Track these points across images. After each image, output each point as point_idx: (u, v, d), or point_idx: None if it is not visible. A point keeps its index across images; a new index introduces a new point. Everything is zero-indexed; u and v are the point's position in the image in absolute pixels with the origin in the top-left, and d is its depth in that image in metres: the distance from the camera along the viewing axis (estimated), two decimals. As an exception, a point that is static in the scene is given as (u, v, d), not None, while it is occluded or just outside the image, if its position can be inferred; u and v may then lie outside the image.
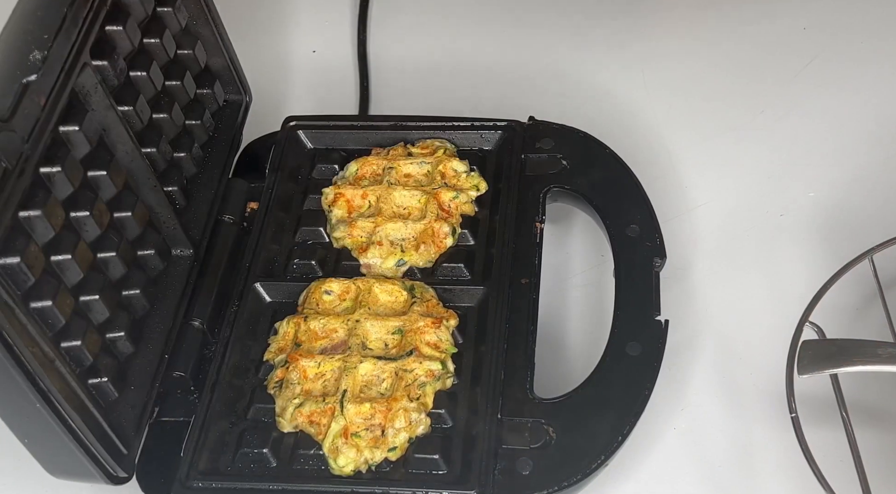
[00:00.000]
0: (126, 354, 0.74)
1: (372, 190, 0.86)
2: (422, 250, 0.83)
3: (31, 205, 0.65)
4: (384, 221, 0.84)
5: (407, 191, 0.85)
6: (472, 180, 0.86)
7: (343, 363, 0.76)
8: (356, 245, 0.84)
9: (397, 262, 0.82)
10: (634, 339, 0.76)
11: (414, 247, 0.83)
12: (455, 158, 0.88)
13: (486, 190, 0.86)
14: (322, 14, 1.10)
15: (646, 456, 0.77)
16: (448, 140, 0.89)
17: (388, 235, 0.83)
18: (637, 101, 0.99)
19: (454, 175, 0.87)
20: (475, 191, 0.86)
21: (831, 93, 0.98)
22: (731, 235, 0.89)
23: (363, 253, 0.83)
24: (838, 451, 0.71)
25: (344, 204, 0.86)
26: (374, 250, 0.83)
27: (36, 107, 0.64)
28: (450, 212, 0.85)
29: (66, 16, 0.67)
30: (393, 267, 0.82)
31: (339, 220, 0.85)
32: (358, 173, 0.88)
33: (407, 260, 0.83)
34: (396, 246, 0.83)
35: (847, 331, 0.81)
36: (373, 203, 0.86)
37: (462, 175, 0.87)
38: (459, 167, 0.87)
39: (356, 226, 0.84)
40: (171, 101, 0.83)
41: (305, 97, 1.03)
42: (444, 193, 0.85)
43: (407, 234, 0.83)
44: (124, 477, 0.71)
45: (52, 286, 0.66)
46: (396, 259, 0.82)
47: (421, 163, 0.87)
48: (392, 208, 0.85)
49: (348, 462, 0.72)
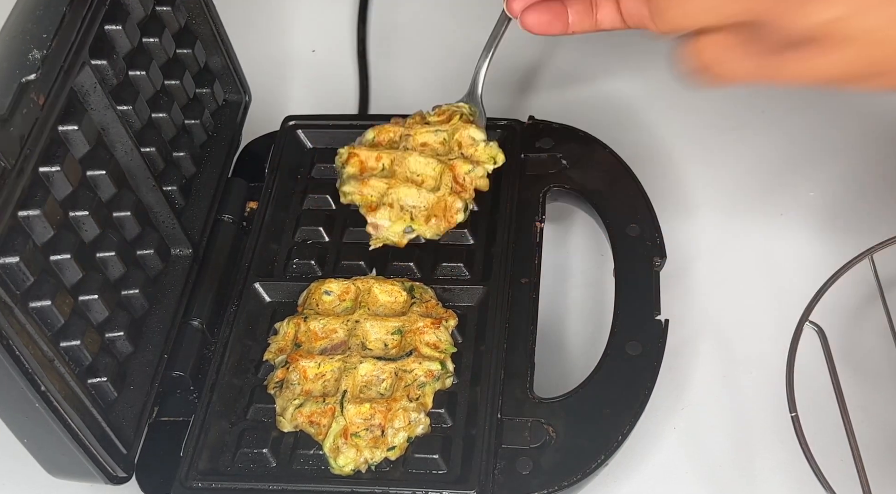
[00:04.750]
0: (125, 354, 0.74)
1: (387, 153, 0.85)
2: (432, 223, 0.82)
3: (30, 205, 0.65)
4: (398, 184, 0.82)
5: (423, 158, 0.84)
6: (488, 151, 0.85)
7: (343, 363, 0.76)
8: (365, 202, 0.83)
9: (406, 229, 0.81)
10: (634, 339, 0.76)
11: (424, 218, 0.82)
12: (472, 125, 0.85)
13: (503, 162, 0.85)
14: (322, 13, 1.10)
15: (646, 456, 0.77)
16: (466, 102, 0.87)
17: (399, 199, 0.82)
18: (637, 101, 0.99)
19: (471, 143, 0.85)
20: (491, 164, 0.84)
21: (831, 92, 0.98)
22: (731, 235, 0.89)
23: (372, 212, 0.82)
24: (838, 451, 0.71)
25: (357, 163, 0.85)
26: (385, 211, 0.82)
27: (35, 107, 0.64)
28: (464, 185, 0.83)
29: (65, 15, 0.67)
30: (399, 233, 0.82)
31: (351, 176, 0.84)
32: (374, 140, 0.86)
33: (415, 229, 0.82)
34: (406, 212, 0.82)
35: (847, 331, 0.81)
36: (386, 166, 0.84)
37: (479, 144, 0.85)
38: (476, 135, 0.85)
39: (368, 184, 0.83)
40: (170, 101, 0.83)
41: (305, 96, 1.03)
42: (459, 165, 0.84)
43: (419, 202, 0.82)
44: (124, 477, 0.71)
45: (51, 285, 0.66)
46: (405, 225, 0.81)
47: (437, 132, 0.85)
48: (406, 173, 0.83)
49: (348, 461, 0.72)
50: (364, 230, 0.84)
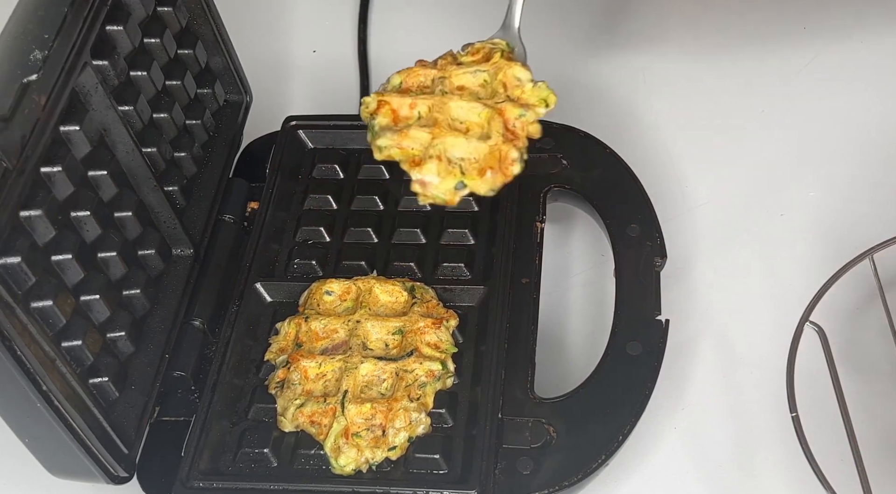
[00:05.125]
0: (127, 354, 0.74)
1: (423, 98, 0.73)
2: (487, 176, 0.70)
3: (32, 205, 0.65)
4: (443, 133, 0.71)
5: (465, 103, 0.72)
6: (538, 92, 0.73)
7: (344, 363, 0.76)
8: (407, 156, 0.71)
9: (457, 185, 0.70)
10: (635, 339, 0.76)
11: (477, 171, 0.70)
12: (516, 63, 0.74)
13: (555, 104, 0.73)
14: (322, 13, 1.10)
15: (646, 456, 0.77)
16: (499, 39, 0.76)
17: (446, 150, 0.71)
18: (637, 101, 0.99)
19: (517, 84, 0.73)
20: (543, 107, 0.73)
21: (831, 92, 0.98)
22: (732, 235, 0.89)
23: (416, 167, 0.70)
24: (839, 451, 0.71)
25: (389, 112, 0.73)
26: (433, 164, 0.70)
27: (36, 107, 0.64)
28: (515, 132, 0.71)
29: (66, 15, 0.67)
30: (451, 190, 0.70)
31: (384, 128, 0.72)
32: (402, 86, 0.75)
33: (467, 185, 0.70)
34: (455, 165, 0.71)
35: (848, 331, 0.81)
36: (423, 114, 0.73)
37: (527, 85, 0.73)
38: (522, 74, 0.74)
39: (408, 135, 0.71)
40: (171, 101, 0.83)
41: (306, 97, 1.03)
42: (509, 109, 0.72)
43: (469, 153, 0.71)
44: (125, 477, 0.71)
45: (52, 286, 0.66)
46: (456, 180, 0.70)
47: (476, 72, 0.74)
48: (448, 120, 0.72)
49: (349, 461, 0.72)
50: (366, 230, 0.85)
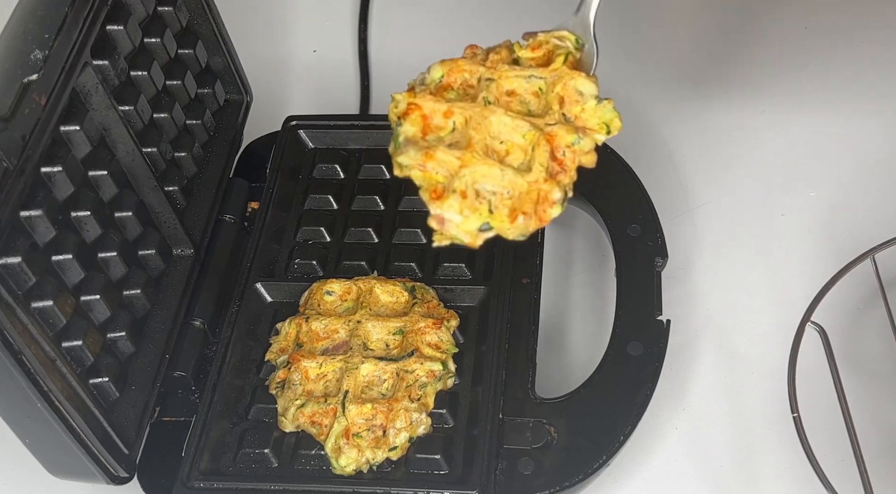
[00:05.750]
0: (127, 354, 0.74)
1: (461, 108, 0.62)
2: (519, 222, 0.60)
3: (32, 205, 0.65)
4: (475, 160, 0.60)
5: (510, 119, 0.61)
6: (601, 112, 0.63)
7: (344, 364, 0.76)
8: (429, 183, 0.61)
9: (482, 226, 0.60)
10: (636, 339, 0.76)
11: (508, 211, 0.60)
12: (580, 75, 0.63)
13: (619, 130, 0.63)
14: (323, 13, 1.10)
15: (647, 456, 0.77)
16: (568, 30, 0.65)
17: (475, 182, 0.60)
18: (638, 101, 0.99)
19: (577, 100, 0.62)
20: (604, 132, 0.62)
21: (832, 92, 0.98)
22: (733, 235, 0.89)
23: (436, 200, 0.60)
24: (840, 451, 0.71)
25: (419, 119, 0.63)
26: (455, 201, 0.60)
27: (37, 107, 0.64)
28: (563, 163, 0.61)
29: (66, 15, 0.67)
30: (474, 232, 0.61)
31: (410, 141, 0.62)
32: (443, 81, 0.65)
33: (494, 227, 0.61)
34: (484, 200, 0.60)
35: (849, 332, 0.81)
36: (458, 126, 0.62)
37: (589, 102, 0.62)
38: (586, 87, 0.63)
39: (434, 157, 0.61)
40: (171, 101, 0.83)
41: (306, 96, 1.03)
42: (560, 135, 0.61)
43: (502, 187, 0.60)
44: (125, 477, 0.71)
45: (52, 286, 0.66)
46: (481, 221, 0.60)
47: (531, 78, 0.63)
48: (486, 139, 0.61)
49: (350, 461, 0.72)
50: (366, 230, 0.84)
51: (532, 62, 0.64)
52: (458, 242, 0.62)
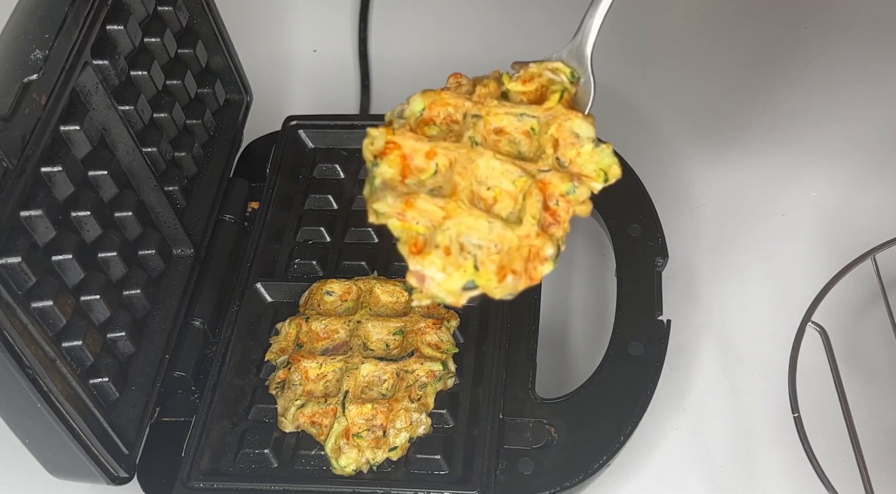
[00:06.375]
0: (127, 354, 0.74)
1: (445, 148, 0.56)
2: (508, 281, 0.55)
3: (32, 205, 0.65)
4: (460, 210, 0.54)
5: (499, 163, 0.55)
6: (598, 158, 0.57)
7: (344, 364, 0.76)
8: (408, 235, 0.56)
9: (466, 284, 0.55)
10: (636, 339, 0.76)
11: (496, 267, 0.54)
12: (577, 115, 0.57)
13: (616, 178, 0.57)
14: (323, 13, 1.10)
15: (648, 456, 0.77)
16: (565, 62, 0.59)
17: (460, 234, 0.55)
18: (638, 101, 0.99)
19: (573, 143, 0.57)
20: (601, 180, 0.56)
21: (833, 92, 0.98)
22: (734, 235, 0.89)
23: (416, 255, 0.55)
24: (841, 451, 0.71)
25: (397, 160, 0.57)
26: (437, 257, 0.54)
27: (37, 107, 0.64)
28: (556, 215, 0.56)
29: (67, 15, 0.67)
30: (457, 291, 0.55)
31: (387, 184, 0.56)
32: (424, 115, 0.59)
33: (479, 286, 0.55)
34: (469, 255, 0.55)
35: (850, 332, 0.81)
36: (442, 169, 0.56)
37: (585, 145, 0.57)
38: (583, 130, 0.57)
39: (415, 206, 0.55)
40: (171, 101, 0.83)
41: (306, 96, 1.03)
42: (554, 183, 0.55)
43: (489, 242, 0.55)
44: (125, 478, 0.71)
45: (52, 286, 0.66)
46: (466, 279, 0.55)
47: (522, 116, 0.57)
48: (472, 185, 0.55)
49: (350, 462, 0.72)
50: (366, 230, 0.84)
51: (523, 97, 0.59)
52: (438, 301, 0.56)
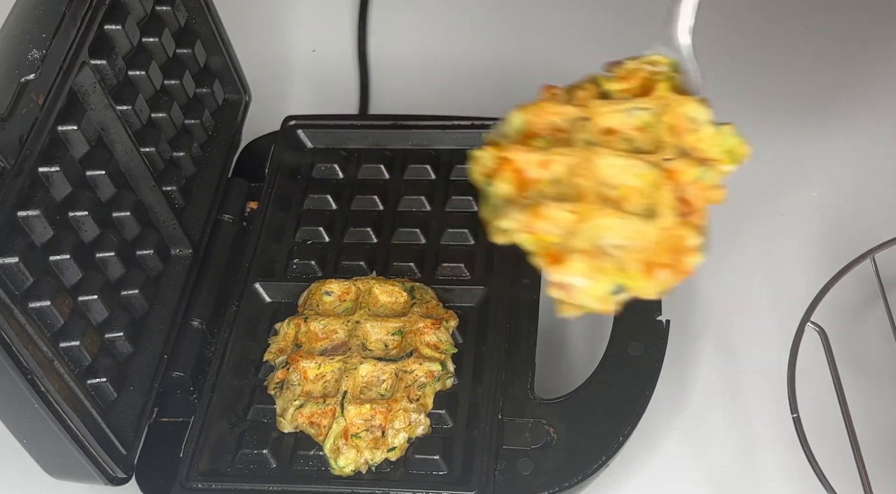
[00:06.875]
0: (125, 354, 0.74)
1: (560, 154, 0.53)
2: (657, 278, 0.51)
3: (30, 205, 0.65)
4: (593, 211, 0.51)
5: (621, 160, 0.52)
6: (722, 139, 0.55)
7: (343, 364, 0.76)
8: (540, 246, 0.53)
9: (614, 289, 0.51)
10: (636, 339, 0.76)
11: (642, 267, 0.51)
12: (690, 100, 0.54)
13: (746, 157, 0.54)
14: (322, 13, 1.10)
15: (647, 457, 0.77)
16: (662, 54, 0.54)
17: (597, 236, 0.51)
18: (638, 101, 0.99)
19: (690, 128, 0.54)
20: (729, 162, 0.54)
21: (833, 92, 0.98)
22: (733, 234, 0.89)
23: (556, 263, 0.52)
24: (840, 452, 0.71)
25: (511, 175, 0.53)
26: (579, 261, 0.51)
27: (34, 107, 0.64)
28: (690, 203, 0.53)
29: (64, 15, 0.67)
30: (606, 297, 0.52)
31: (509, 201, 0.53)
32: (526, 129, 0.55)
33: (628, 288, 0.52)
34: (611, 258, 0.51)
35: (849, 332, 0.80)
36: (560, 175, 0.53)
37: (706, 129, 0.54)
38: (699, 113, 0.54)
39: (542, 215, 0.51)
40: (170, 101, 0.83)
41: (305, 96, 1.03)
42: (683, 170, 0.52)
43: (629, 239, 0.52)
44: (123, 478, 0.71)
45: (50, 286, 0.66)
46: (613, 281, 0.51)
47: (632, 110, 0.54)
48: (596, 187, 0.52)
49: (348, 462, 0.72)
50: (365, 230, 0.84)
51: (626, 94, 0.56)
52: (587, 311, 0.53)
